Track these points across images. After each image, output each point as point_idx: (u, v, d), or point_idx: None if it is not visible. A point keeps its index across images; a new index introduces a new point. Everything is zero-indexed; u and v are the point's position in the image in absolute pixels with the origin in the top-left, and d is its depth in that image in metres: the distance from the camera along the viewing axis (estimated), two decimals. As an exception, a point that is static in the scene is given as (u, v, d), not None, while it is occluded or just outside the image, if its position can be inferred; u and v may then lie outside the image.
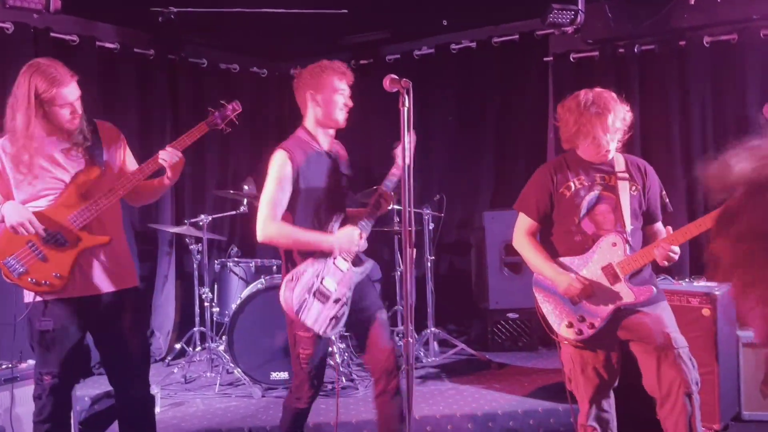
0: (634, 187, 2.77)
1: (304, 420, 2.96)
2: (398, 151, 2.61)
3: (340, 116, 2.84)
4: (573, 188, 2.78)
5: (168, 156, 2.76)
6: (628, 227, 2.74)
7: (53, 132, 2.70)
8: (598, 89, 2.74)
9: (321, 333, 2.75)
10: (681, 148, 4.99)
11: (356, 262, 2.86)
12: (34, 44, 4.72)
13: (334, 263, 2.79)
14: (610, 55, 5.19)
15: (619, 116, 2.67)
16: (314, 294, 2.73)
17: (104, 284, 2.76)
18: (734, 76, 4.83)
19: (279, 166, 2.78)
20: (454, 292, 5.79)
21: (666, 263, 2.68)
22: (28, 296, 2.72)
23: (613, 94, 2.73)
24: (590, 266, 2.74)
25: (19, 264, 2.62)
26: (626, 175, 2.76)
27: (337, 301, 2.78)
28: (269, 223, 2.74)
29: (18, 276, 2.63)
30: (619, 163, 2.79)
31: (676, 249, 2.66)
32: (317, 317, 2.74)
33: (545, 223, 2.86)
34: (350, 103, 2.86)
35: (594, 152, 2.75)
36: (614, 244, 2.72)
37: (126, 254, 2.89)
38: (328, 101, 2.81)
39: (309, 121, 2.88)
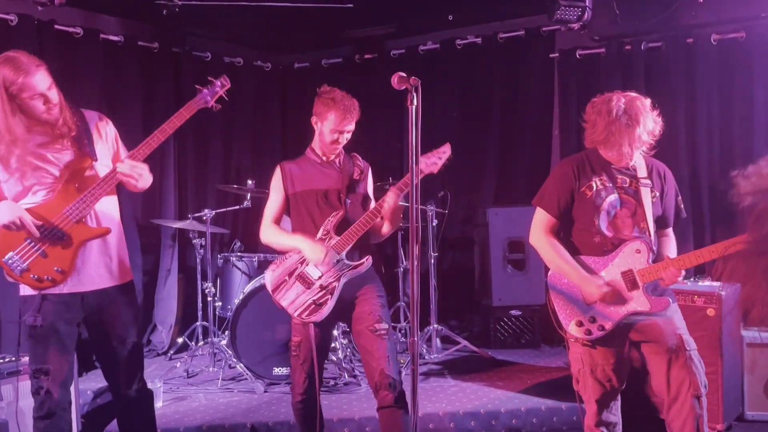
0: (654, 194, 2.76)
1: (310, 418, 2.95)
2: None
3: (330, 151, 3.02)
4: (594, 188, 2.75)
5: (126, 169, 2.65)
6: (652, 235, 2.72)
7: (35, 127, 2.62)
8: (631, 95, 2.70)
9: (296, 316, 2.86)
10: (686, 146, 4.96)
11: (351, 256, 2.90)
12: (38, 36, 4.69)
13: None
14: (616, 52, 5.16)
15: (648, 128, 2.65)
16: (296, 277, 2.89)
17: (97, 280, 2.71)
18: (742, 74, 4.80)
19: (273, 177, 3.07)
20: (456, 288, 5.78)
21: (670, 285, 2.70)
22: (23, 290, 2.67)
23: (646, 102, 2.69)
24: (610, 269, 2.72)
25: (20, 261, 2.57)
26: (648, 182, 2.74)
27: (322, 287, 2.85)
28: (263, 228, 3.04)
29: (20, 273, 2.58)
30: (641, 168, 2.76)
31: (683, 272, 2.66)
32: (294, 300, 2.87)
33: (564, 221, 2.82)
34: (342, 141, 2.99)
35: (617, 158, 2.74)
36: (638, 251, 2.69)
37: (121, 248, 2.82)
38: (322, 135, 2.99)
39: (314, 142, 3.07)
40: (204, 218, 4.77)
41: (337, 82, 2.98)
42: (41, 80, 2.55)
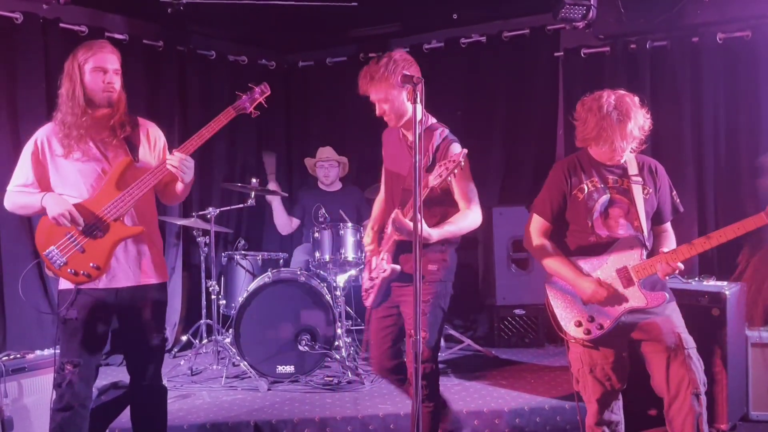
0: (646, 191, 2.78)
1: (396, 372, 3.04)
2: None
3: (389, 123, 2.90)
4: (586, 191, 2.78)
5: (176, 161, 2.73)
6: (645, 231, 2.73)
7: (95, 123, 2.74)
8: (620, 92, 2.72)
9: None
10: (692, 146, 4.94)
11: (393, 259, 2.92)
12: (43, 35, 4.71)
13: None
14: (621, 51, 5.14)
15: (638, 123, 2.67)
16: (368, 261, 3.06)
17: (132, 277, 2.81)
18: (747, 73, 4.78)
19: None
20: (460, 287, 5.69)
21: (667, 278, 2.69)
22: (61, 284, 2.77)
23: (635, 98, 2.71)
24: (605, 268, 2.73)
25: (59, 255, 2.68)
26: (639, 179, 2.77)
27: (372, 279, 2.98)
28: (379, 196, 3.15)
29: (59, 267, 2.69)
30: (632, 165, 2.79)
31: (681, 265, 2.65)
32: (363, 281, 3.10)
33: (558, 224, 2.85)
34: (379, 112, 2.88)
35: (608, 156, 2.77)
36: (631, 248, 2.71)
37: (158, 249, 2.93)
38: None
39: None
40: (208, 216, 4.78)
41: (341, 81, 3.00)
42: (110, 59, 2.73)
